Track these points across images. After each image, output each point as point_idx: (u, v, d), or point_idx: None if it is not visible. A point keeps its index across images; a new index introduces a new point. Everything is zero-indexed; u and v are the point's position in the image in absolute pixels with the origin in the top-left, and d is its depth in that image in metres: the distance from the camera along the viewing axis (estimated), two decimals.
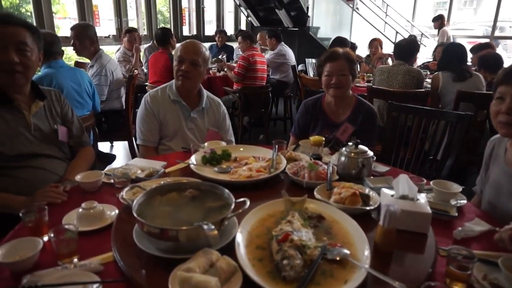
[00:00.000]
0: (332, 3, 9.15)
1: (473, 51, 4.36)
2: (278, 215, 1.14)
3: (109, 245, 1.04)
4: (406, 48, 3.44)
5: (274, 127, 5.63)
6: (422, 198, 1.20)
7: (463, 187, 1.36)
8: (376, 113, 2.19)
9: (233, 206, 1.02)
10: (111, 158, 3.18)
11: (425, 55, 7.46)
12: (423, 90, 3.22)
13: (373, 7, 8.77)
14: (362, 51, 6.26)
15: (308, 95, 2.89)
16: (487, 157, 1.53)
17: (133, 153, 3.44)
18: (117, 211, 1.23)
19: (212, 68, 5.18)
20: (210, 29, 8.39)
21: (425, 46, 7.69)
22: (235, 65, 4.97)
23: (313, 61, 5.79)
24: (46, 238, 1.08)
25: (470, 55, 3.88)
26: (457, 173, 2.88)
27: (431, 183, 1.38)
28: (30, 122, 1.62)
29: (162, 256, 0.93)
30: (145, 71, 4.90)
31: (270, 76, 5.45)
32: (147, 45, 5.53)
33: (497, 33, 8.19)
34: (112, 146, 4.45)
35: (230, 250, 0.95)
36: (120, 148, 4.38)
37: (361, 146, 1.50)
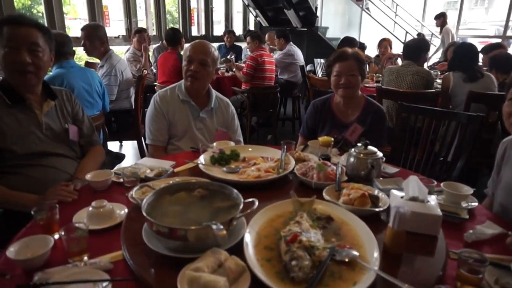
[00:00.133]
0: (341, 3, 9.12)
1: (484, 51, 4.24)
2: (287, 216, 1.14)
3: (118, 243, 1.05)
4: (414, 48, 3.38)
5: (282, 127, 5.62)
6: (432, 200, 1.18)
7: (474, 189, 1.34)
8: (385, 114, 2.17)
9: (241, 206, 1.02)
10: (120, 157, 3.21)
11: (435, 55, 7.37)
12: (433, 90, 3.18)
13: (383, 7, 8.71)
14: (371, 51, 6.22)
15: (316, 95, 2.87)
16: (499, 159, 1.51)
17: (142, 153, 3.45)
18: (126, 210, 1.24)
19: (221, 68, 5.20)
20: (218, 29, 8.42)
21: (435, 46, 7.60)
22: (243, 65, 4.97)
23: (322, 61, 5.78)
24: (57, 236, 1.09)
25: (480, 55, 3.81)
26: (468, 175, 2.84)
27: (441, 185, 1.37)
28: (41, 121, 1.64)
29: (171, 255, 0.94)
30: (154, 71, 4.93)
31: (279, 76, 5.43)
32: (156, 45, 5.56)
33: (509, 32, 7.99)
34: (121, 146, 4.49)
35: (238, 250, 0.95)
36: (129, 148, 4.41)
37: (370, 147, 1.49)
